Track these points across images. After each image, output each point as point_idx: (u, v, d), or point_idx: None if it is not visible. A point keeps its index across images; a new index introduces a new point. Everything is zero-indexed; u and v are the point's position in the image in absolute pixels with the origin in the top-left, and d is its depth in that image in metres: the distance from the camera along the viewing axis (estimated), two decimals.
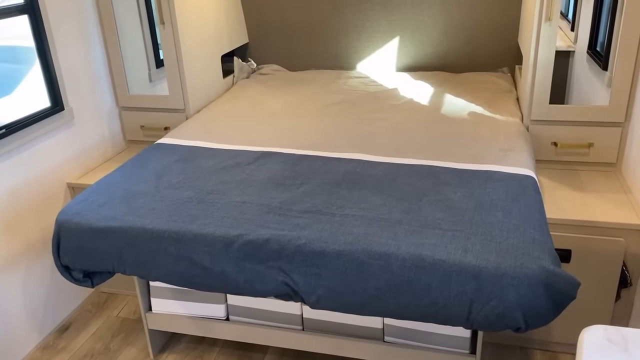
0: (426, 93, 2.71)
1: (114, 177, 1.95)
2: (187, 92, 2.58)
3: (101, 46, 2.57)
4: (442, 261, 1.42)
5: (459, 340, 1.81)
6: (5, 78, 2.18)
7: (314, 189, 1.80)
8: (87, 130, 2.50)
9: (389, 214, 1.63)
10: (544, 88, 2.16)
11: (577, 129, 2.20)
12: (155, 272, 1.64)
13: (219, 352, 2.19)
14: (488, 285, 1.39)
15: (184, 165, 2.01)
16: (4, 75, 2.18)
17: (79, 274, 1.75)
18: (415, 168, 1.92)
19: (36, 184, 2.22)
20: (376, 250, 1.47)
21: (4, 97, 2.12)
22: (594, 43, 2.48)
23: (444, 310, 1.43)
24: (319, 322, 1.94)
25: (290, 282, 1.53)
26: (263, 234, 1.55)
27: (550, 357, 2.10)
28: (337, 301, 1.52)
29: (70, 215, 1.70)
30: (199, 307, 2.04)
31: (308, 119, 2.45)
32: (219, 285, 1.59)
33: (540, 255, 1.41)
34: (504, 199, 1.67)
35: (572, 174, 2.20)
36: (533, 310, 1.38)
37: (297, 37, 3.20)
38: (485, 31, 2.93)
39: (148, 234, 1.61)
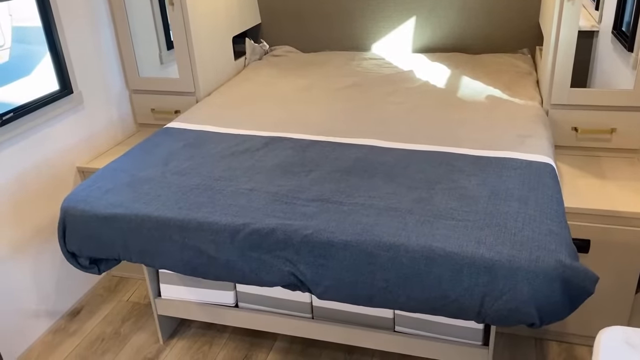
0: (442, 75, 2.63)
1: (120, 162, 1.92)
2: (197, 74, 2.53)
3: (110, 27, 2.53)
4: (454, 253, 1.37)
5: (472, 332, 1.77)
6: (23, 59, 2.16)
7: (323, 177, 1.75)
8: (97, 114, 2.48)
9: (400, 203, 1.58)
10: (565, 71, 2.07)
11: (599, 113, 2.10)
12: (161, 261, 1.62)
13: (228, 339, 2.17)
14: (501, 279, 1.33)
15: (192, 150, 1.97)
16: (21, 56, 2.16)
17: (86, 261, 1.74)
18: (429, 155, 1.86)
19: (46, 168, 2.21)
20: (385, 241, 1.43)
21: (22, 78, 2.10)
22: (620, 23, 2.36)
23: (454, 303, 1.38)
24: (328, 311, 1.91)
25: (296, 272, 1.49)
26: (269, 223, 1.51)
27: (566, 349, 2.04)
28: (344, 293, 1.48)
29: (75, 202, 1.68)
30: (208, 294, 2.02)
31: (319, 102, 2.39)
32: (224, 274, 1.56)
33: (557, 248, 1.35)
34: (520, 187, 1.60)
35: (593, 161, 2.12)
36: (548, 306, 1.32)
37: (311, 18, 3.12)
38: (505, 11, 2.81)
39: (153, 221, 1.58)
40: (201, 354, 2.11)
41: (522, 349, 2.05)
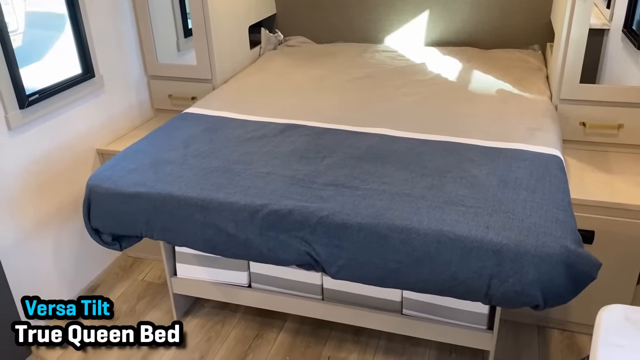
0: (454, 69, 2.68)
1: (142, 144, 1.99)
2: (214, 62, 2.59)
3: (131, 14, 2.59)
4: (463, 237, 1.43)
5: (477, 316, 1.83)
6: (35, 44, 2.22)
7: (337, 163, 1.81)
8: (116, 98, 2.55)
9: (412, 189, 1.64)
10: (575, 66, 2.12)
11: (607, 109, 2.16)
12: (182, 238, 1.69)
13: (240, 318, 2.25)
14: (508, 262, 1.40)
15: (210, 135, 2.04)
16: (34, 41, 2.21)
17: (108, 238, 1.81)
18: (440, 144, 1.92)
19: (67, 149, 2.28)
20: (398, 225, 1.49)
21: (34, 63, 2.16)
22: (630, 21, 2.41)
23: (463, 285, 1.45)
24: (338, 293, 1.98)
25: (312, 252, 1.56)
26: (287, 205, 1.58)
27: (568, 337, 2.11)
28: (357, 273, 1.54)
29: (100, 180, 1.76)
30: (222, 274, 2.09)
31: (333, 92, 2.45)
32: (243, 252, 1.63)
33: (562, 234, 1.41)
34: (528, 177, 1.66)
35: (600, 155, 2.18)
36: (552, 289, 1.39)
37: (325, 9, 3.17)
38: (518, 7, 2.86)
39: (175, 200, 1.65)
40: (214, 332, 2.19)
41: (525, 336, 2.12)
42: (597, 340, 0.93)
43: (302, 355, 2.06)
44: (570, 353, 2.03)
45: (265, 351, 2.08)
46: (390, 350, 2.06)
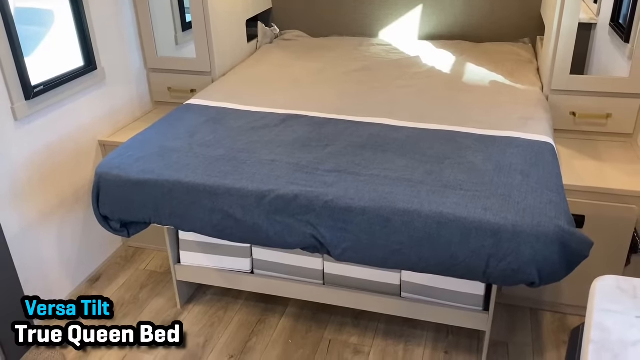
0: (448, 61, 2.75)
1: (147, 134, 2.04)
2: (213, 55, 2.64)
3: (131, 8, 2.63)
4: (463, 218, 1.50)
5: (473, 298, 1.91)
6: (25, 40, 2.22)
7: (339, 151, 1.87)
8: (117, 90, 2.58)
9: (412, 175, 1.71)
10: (566, 58, 2.20)
11: (596, 99, 2.24)
12: (190, 224, 1.74)
13: (242, 305, 2.31)
14: (505, 242, 1.47)
15: (214, 125, 2.09)
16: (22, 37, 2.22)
17: (117, 224, 1.86)
18: (437, 133, 1.99)
19: (70, 141, 2.32)
20: (400, 207, 1.56)
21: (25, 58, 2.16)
22: (617, 15, 2.49)
23: (462, 264, 1.52)
24: (339, 278, 2.04)
25: (317, 235, 1.62)
26: (293, 190, 1.64)
27: (559, 318, 2.19)
28: (361, 254, 1.61)
29: (109, 168, 1.80)
30: (225, 261, 2.15)
31: (330, 85, 2.51)
32: (250, 236, 1.69)
33: (556, 215, 1.49)
34: (522, 163, 1.74)
35: (590, 144, 2.26)
36: (547, 267, 1.47)
37: (320, 3, 3.23)
38: (508, 1, 2.94)
39: (184, 187, 1.71)
40: (217, 318, 2.24)
41: (518, 318, 2.20)
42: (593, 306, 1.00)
43: (303, 338, 2.12)
44: (561, 333, 2.11)
45: (267, 335, 2.14)
46: (390, 332, 2.13)
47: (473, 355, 2.03)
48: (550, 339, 2.10)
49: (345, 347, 2.08)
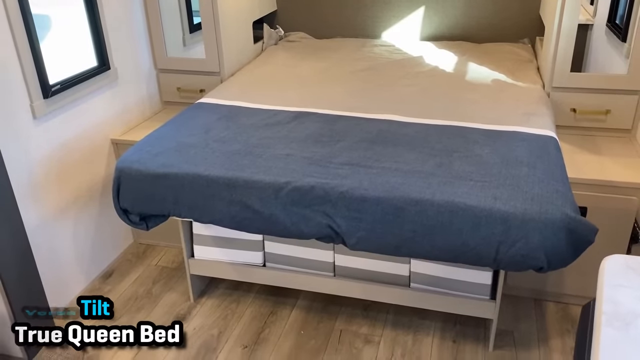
0: (450, 61, 2.83)
1: (162, 131, 2.10)
2: (222, 55, 2.70)
3: (142, 10, 2.69)
4: (474, 207, 1.57)
5: (480, 287, 1.98)
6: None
7: (351, 145, 1.94)
8: (129, 90, 2.64)
9: (423, 167, 1.78)
10: (566, 56, 2.28)
11: (596, 96, 2.32)
12: (209, 216, 1.80)
13: (254, 298, 2.36)
14: (515, 229, 1.54)
15: (227, 122, 2.15)
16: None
17: (136, 217, 1.91)
18: (445, 128, 2.06)
19: (85, 139, 2.37)
20: (413, 197, 1.63)
21: None
22: (614, 16, 2.58)
23: (473, 251, 1.59)
24: (349, 270, 2.11)
25: (333, 224, 1.68)
26: (309, 182, 1.70)
27: (562, 308, 2.26)
28: (375, 243, 1.67)
29: (129, 163, 1.86)
30: (238, 254, 2.20)
31: (337, 83, 2.58)
32: (267, 227, 1.75)
33: (562, 203, 1.56)
34: (528, 155, 1.81)
35: (590, 139, 2.34)
36: (555, 252, 1.54)
37: (324, 6, 3.30)
38: (508, 3, 3.03)
39: (203, 180, 1.77)
40: (229, 311, 2.29)
41: (523, 308, 2.27)
42: (603, 282, 1.07)
43: (315, 329, 2.18)
44: (565, 322, 2.18)
45: (280, 326, 2.20)
46: (398, 323, 2.20)
47: (480, 343, 2.09)
48: (555, 327, 2.17)
49: (356, 337, 2.14)
